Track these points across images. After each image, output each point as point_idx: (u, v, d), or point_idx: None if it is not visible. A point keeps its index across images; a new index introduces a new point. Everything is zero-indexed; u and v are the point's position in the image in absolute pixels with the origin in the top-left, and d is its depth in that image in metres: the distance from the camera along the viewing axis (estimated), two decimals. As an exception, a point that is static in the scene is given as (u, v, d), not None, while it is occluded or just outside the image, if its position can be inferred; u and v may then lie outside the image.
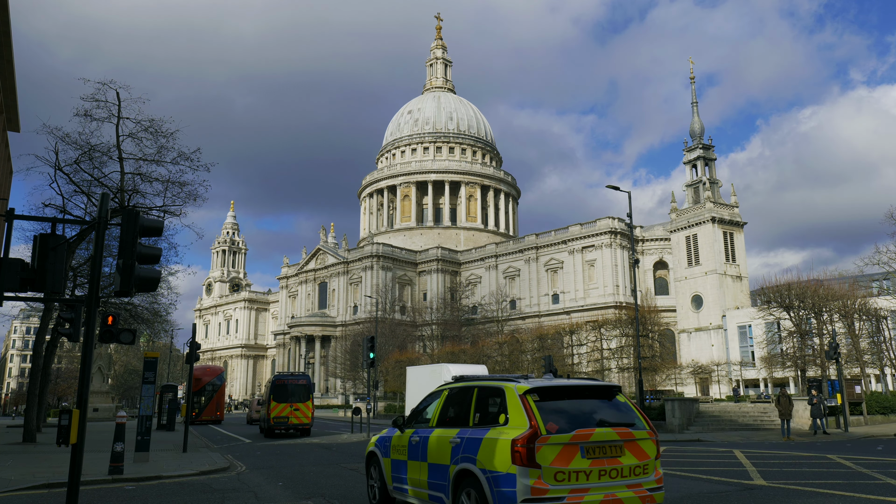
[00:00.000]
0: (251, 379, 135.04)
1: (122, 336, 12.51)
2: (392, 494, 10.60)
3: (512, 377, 8.96)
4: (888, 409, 37.37)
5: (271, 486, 14.69)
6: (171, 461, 19.53)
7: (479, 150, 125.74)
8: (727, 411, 36.85)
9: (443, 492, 8.79)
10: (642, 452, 8.04)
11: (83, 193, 28.03)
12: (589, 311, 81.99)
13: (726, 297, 77.29)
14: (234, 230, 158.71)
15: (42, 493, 13.84)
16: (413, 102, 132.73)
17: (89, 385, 10.46)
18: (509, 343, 58.11)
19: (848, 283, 47.96)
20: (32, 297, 16.93)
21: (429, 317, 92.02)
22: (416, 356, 67.71)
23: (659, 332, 63.73)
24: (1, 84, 26.79)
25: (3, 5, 22.43)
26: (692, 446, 24.64)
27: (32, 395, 29.94)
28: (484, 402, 8.92)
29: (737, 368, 72.10)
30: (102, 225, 10.94)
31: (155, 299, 39.53)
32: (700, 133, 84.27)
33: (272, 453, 23.57)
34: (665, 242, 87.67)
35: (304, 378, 35.64)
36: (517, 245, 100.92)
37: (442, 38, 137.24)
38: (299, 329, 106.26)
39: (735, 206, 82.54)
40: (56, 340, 31.94)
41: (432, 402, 10.34)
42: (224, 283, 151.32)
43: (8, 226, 13.26)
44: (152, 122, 27.80)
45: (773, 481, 13.88)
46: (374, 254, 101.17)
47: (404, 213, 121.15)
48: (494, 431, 8.11)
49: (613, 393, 8.56)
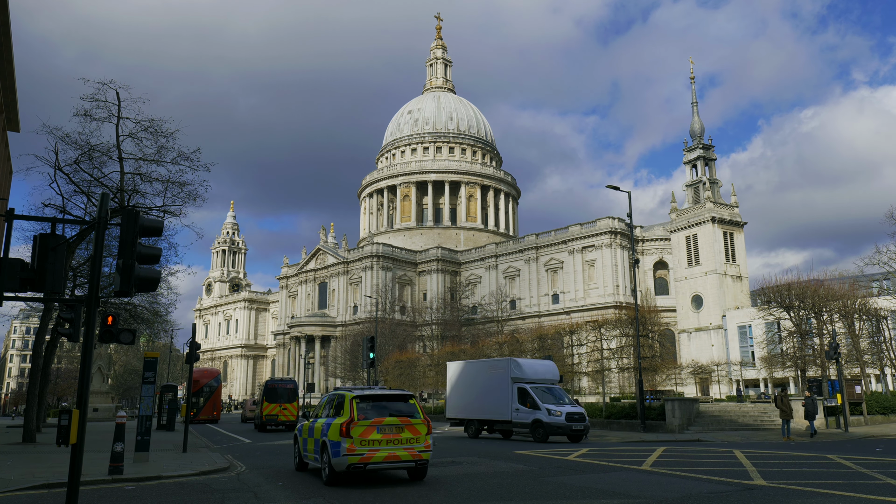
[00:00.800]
0: (251, 379, 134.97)
1: (122, 336, 12.51)
2: (304, 461, 16.77)
3: (352, 388, 15.98)
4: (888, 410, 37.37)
5: (271, 486, 14.69)
6: (170, 461, 19.52)
7: (478, 150, 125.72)
8: (727, 411, 36.81)
9: (318, 454, 15.24)
10: (416, 431, 14.29)
11: (83, 193, 28.00)
12: (589, 311, 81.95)
13: (726, 297, 77.28)
14: (234, 230, 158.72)
15: (42, 493, 13.83)
16: (413, 102, 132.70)
17: (89, 385, 10.46)
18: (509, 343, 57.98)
19: (848, 283, 47.95)
20: (32, 297, 16.91)
21: (429, 317, 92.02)
22: (416, 356, 67.65)
23: (659, 332, 63.65)
24: (1, 84, 26.78)
25: (3, 5, 22.42)
26: (692, 446, 24.63)
27: (32, 395, 29.92)
28: (338, 402, 15.28)
29: (737, 368, 72.07)
30: (102, 225, 10.93)
31: (155, 299, 39.53)
32: (700, 133, 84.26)
33: (272, 453, 23.58)
34: (665, 242, 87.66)
35: (292, 383, 43.25)
36: (517, 245, 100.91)
37: (442, 38, 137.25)
38: (299, 329, 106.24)
39: (735, 206, 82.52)
40: (56, 340, 31.92)
41: (324, 403, 16.54)
42: (224, 283, 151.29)
43: (8, 226, 13.25)
44: (152, 122, 27.78)
45: (774, 481, 13.87)
46: (374, 254, 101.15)
47: (404, 213, 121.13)
48: (338, 419, 14.44)
49: (408, 398, 15.22)
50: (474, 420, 31.98)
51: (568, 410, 27.42)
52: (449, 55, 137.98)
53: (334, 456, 13.95)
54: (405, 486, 13.98)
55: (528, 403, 28.42)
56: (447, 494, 12.82)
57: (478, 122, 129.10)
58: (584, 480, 14.66)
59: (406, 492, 13.25)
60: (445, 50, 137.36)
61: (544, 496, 12.47)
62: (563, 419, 26.96)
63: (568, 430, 26.92)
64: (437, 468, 17.29)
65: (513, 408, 29.08)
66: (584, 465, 18.01)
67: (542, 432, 27.26)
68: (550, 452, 21.95)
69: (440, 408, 54.93)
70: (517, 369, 30.14)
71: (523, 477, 15.41)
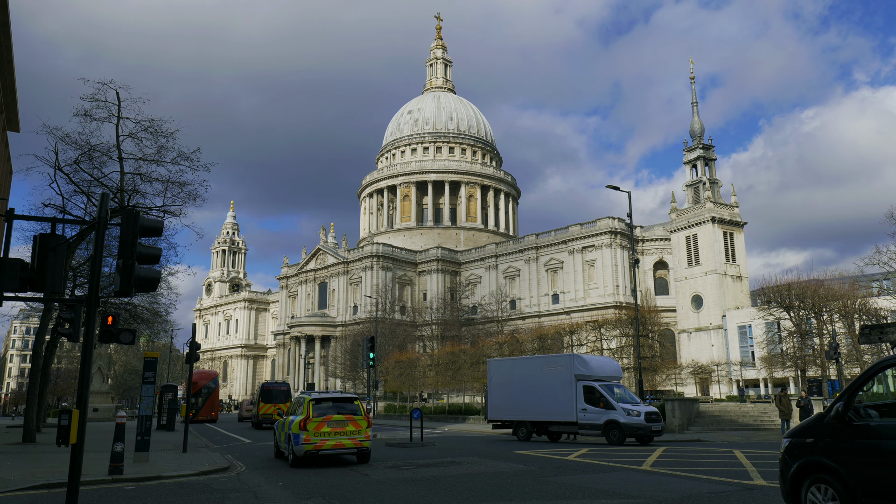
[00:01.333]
0: (251, 379, 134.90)
1: (122, 336, 12.51)
2: (280, 449, 20.64)
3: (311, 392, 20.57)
4: (888, 410, 37.24)
5: (271, 486, 14.69)
6: (170, 461, 19.52)
7: (478, 150, 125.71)
8: (727, 411, 36.81)
9: (286, 444, 19.20)
10: (358, 425, 18.61)
11: (83, 193, 27.99)
12: (589, 311, 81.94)
13: (726, 297, 77.28)
14: (234, 230, 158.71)
15: (42, 493, 13.82)
16: (413, 102, 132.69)
17: (89, 385, 10.46)
18: (509, 343, 57.98)
19: (848, 283, 47.98)
20: (32, 297, 16.92)
21: (429, 317, 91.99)
22: (416, 356, 67.65)
23: (659, 332, 63.68)
24: (1, 84, 26.78)
25: (3, 5, 22.42)
26: (692, 446, 24.63)
27: (32, 395, 29.92)
28: (301, 403, 19.52)
29: (737, 368, 72.06)
30: (102, 225, 10.93)
31: (155, 299, 39.52)
32: (700, 133, 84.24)
33: (272, 453, 23.56)
34: (665, 242, 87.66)
35: (285, 385, 48.70)
36: (517, 245, 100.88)
37: (442, 38, 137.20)
38: (299, 329, 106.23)
39: (735, 206, 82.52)
40: (56, 340, 31.92)
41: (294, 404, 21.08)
42: (224, 283, 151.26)
43: (8, 226, 13.25)
44: (152, 122, 27.75)
45: (774, 481, 13.85)
46: (374, 254, 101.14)
47: (404, 213, 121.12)
48: (298, 417, 18.61)
49: (353, 400, 19.64)
50: (525, 422, 29.34)
51: (646, 410, 25.73)
52: (449, 55, 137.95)
53: (295, 444, 18.19)
54: (404, 486, 13.99)
55: (602, 403, 26.31)
56: (447, 494, 12.83)
57: (478, 122, 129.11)
58: (584, 480, 14.67)
59: (405, 491, 13.26)
60: (445, 50, 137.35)
61: (544, 496, 12.47)
62: (643, 419, 25.15)
63: (647, 431, 25.21)
64: (437, 468, 17.30)
65: (578, 408, 26.90)
66: (583, 465, 18.01)
67: (619, 434, 25.22)
68: (550, 452, 21.96)
69: (440, 408, 54.98)
70: (582, 366, 28.07)
71: (523, 477, 15.42)
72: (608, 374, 29.01)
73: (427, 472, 16.58)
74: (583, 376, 27.69)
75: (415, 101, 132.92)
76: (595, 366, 28.87)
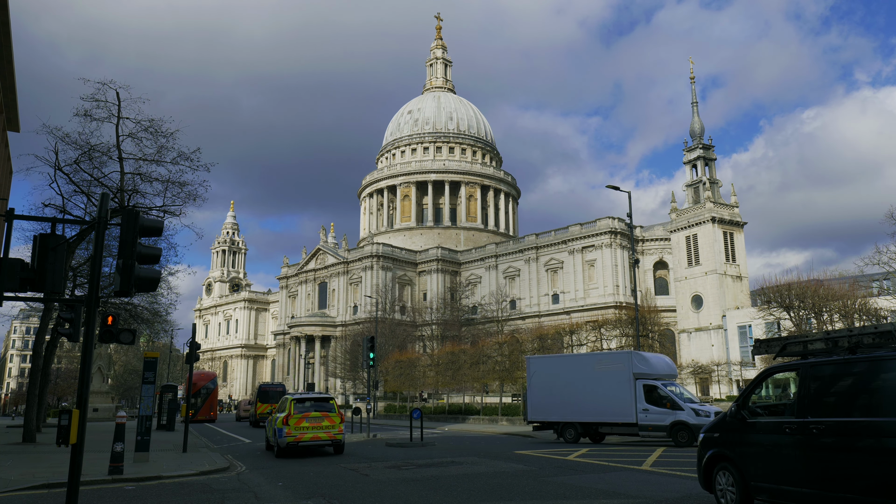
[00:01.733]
0: (251, 379, 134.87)
1: (122, 336, 12.50)
2: (270, 443, 23.54)
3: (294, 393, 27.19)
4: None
5: (271, 486, 14.69)
6: (171, 461, 19.52)
7: (479, 150, 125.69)
8: (727, 411, 36.69)
9: (273, 437, 22.36)
10: (333, 421, 21.93)
11: (83, 193, 28.00)
12: (589, 311, 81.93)
13: (726, 297, 77.27)
14: (234, 230, 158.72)
15: (42, 493, 13.83)
16: (413, 102, 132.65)
17: (89, 385, 10.46)
18: (509, 343, 57.87)
19: (848, 283, 47.95)
20: (32, 297, 16.93)
21: (429, 317, 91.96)
22: (416, 356, 67.61)
23: (659, 332, 63.71)
24: (1, 84, 26.78)
25: (3, 5, 22.42)
26: (692, 446, 24.61)
27: (32, 395, 29.93)
28: (286, 402, 22.89)
29: (737, 368, 72.06)
30: (102, 225, 10.93)
31: (155, 299, 39.53)
32: (700, 133, 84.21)
33: (272, 453, 23.56)
34: (665, 242, 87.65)
35: (281, 386, 52.38)
36: (517, 245, 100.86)
37: (442, 38, 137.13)
38: (299, 329, 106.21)
39: (735, 207, 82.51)
40: (56, 340, 31.93)
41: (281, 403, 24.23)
42: (224, 283, 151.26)
43: (8, 226, 13.25)
44: (152, 122, 27.77)
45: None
46: (374, 254, 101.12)
47: (404, 213, 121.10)
48: (283, 414, 21.89)
49: (329, 399, 23.09)
50: (574, 423, 27.56)
51: (715, 410, 24.71)
52: (450, 56, 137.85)
53: (279, 437, 21.52)
54: (404, 486, 13.99)
55: (668, 403, 25.20)
56: (447, 494, 12.83)
57: (478, 122, 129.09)
58: (583, 480, 14.67)
59: (405, 491, 13.26)
60: (445, 50, 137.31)
61: (544, 496, 12.47)
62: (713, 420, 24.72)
63: None
64: (437, 468, 17.30)
65: (639, 408, 25.59)
66: (583, 465, 18.02)
67: (688, 435, 23.90)
68: (550, 452, 21.97)
69: (440, 408, 54.99)
70: (643, 364, 26.62)
71: (523, 477, 15.42)
72: (666, 372, 27.76)
73: (427, 472, 16.59)
74: (643, 375, 26.44)
75: (415, 101, 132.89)
76: (655, 364, 27.52)
